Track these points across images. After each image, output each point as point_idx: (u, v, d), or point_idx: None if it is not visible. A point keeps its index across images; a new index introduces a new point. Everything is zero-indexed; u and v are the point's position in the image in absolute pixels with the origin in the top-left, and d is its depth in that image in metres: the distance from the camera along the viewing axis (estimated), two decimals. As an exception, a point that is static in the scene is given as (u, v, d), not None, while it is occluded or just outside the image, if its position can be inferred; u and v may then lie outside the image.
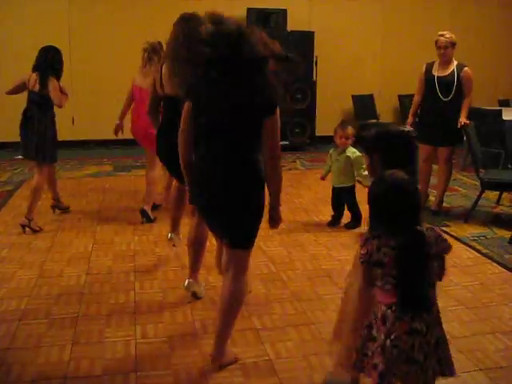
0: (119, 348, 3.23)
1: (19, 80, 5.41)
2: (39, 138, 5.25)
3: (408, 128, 2.71)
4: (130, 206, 6.05)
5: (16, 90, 5.46)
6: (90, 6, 9.24)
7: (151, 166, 5.61)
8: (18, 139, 5.40)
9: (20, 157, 8.35)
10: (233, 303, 2.98)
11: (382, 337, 2.18)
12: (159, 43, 5.29)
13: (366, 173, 5.26)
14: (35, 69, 5.30)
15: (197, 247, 3.77)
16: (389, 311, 2.19)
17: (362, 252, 2.22)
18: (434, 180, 6.20)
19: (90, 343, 3.28)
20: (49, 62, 5.29)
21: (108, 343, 3.28)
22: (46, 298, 3.85)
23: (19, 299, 3.82)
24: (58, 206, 5.87)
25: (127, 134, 5.84)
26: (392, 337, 2.15)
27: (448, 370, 2.29)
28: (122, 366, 3.05)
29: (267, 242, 4.99)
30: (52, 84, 5.21)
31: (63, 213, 5.83)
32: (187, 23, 3.94)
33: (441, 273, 2.26)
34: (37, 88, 5.23)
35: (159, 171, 5.60)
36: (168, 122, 4.15)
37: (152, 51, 5.44)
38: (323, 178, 5.76)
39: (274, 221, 3.07)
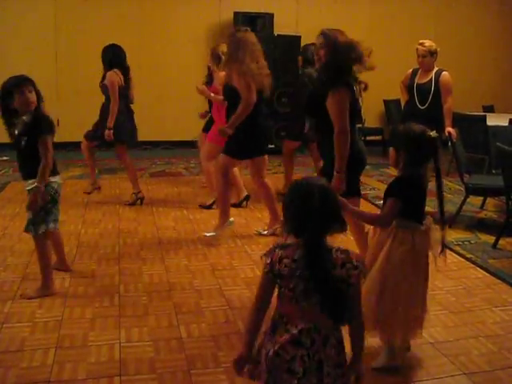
0: (103, 352, 3.21)
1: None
2: None
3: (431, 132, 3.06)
4: (115, 209, 6.03)
5: None
6: (76, 5, 9.19)
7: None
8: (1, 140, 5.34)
9: (5, 158, 8.34)
10: None
11: (269, 345, 2.14)
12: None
13: None
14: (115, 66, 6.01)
15: None
16: (279, 320, 2.15)
17: (266, 262, 2.11)
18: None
19: (73, 347, 3.26)
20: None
21: (92, 347, 3.26)
22: (30, 301, 3.82)
23: (2, 302, 3.79)
24: None
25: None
26: (277, 346, 2.09)
27: None
28: (106, 370, 3.03)
29: (252, 246, 5.00)
30: None
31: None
32: None
33: (354, 303, 2.12)
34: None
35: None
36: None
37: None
38: None
39: None
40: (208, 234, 5.07)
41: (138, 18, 9.10)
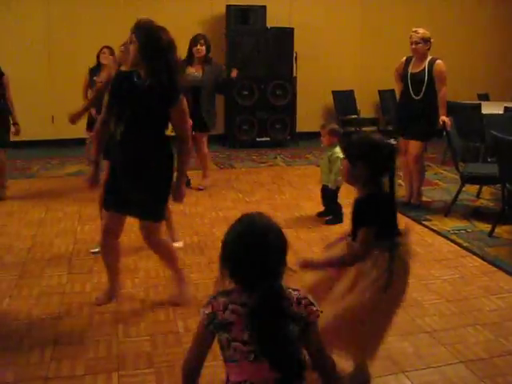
0: (101, 347, 3.21)
1: None
2: None
3: (390, 140, 2.74)
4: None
5: None
6: (69, 2, 9.17)
7: None
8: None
9: None
10: None
11: None
12: None
13: (334, 176, 5.33)
14: None
15: None
16: None
17: (206, 311, 1.87)
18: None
19: (71, 343, 3.26)
20: None
21: (90, 343, 3.26)
22: (27, 299, 3.82)
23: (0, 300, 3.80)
24: None
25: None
26: None
27: None
28: (104, 366, 3.04)
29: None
30: None
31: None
32: None
33: (313, 345, 1.92)
34: None
35: None
36: None
37: None
38: None
39: None
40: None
41: (127, 12, 8.98)
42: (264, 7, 9.28)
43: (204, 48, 6.55)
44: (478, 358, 3.13)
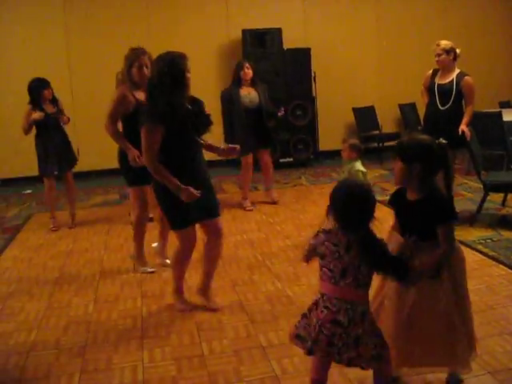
0: (127, 373, 3.25)
1: None
2: None
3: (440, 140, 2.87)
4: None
5: None
6: (84, 29, 9.40)
7: None
8: (25, 174, 5.50)
9: (29, 191, 8.51)
10: None
11: (314, 320, 2.52)
12: None
13: None
14: None
15: None
16: (320, 300, 2.55)
17: (312, 242, 2.57)
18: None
19: (97, 370, 3.30)
20: None
21: (116, 369, 3.30)
22: (55, 329, 3.89)
23: (28, 331, 3.86)
24: None
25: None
26: (319, 322, 2.49)
27: (367, 365, 2.55)
28: (130, 391, 3.07)
29: (272, 259, 5.01)
30: None
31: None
32: None
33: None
34: None
35: None
36: None
37: None
38: None
39: None
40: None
41: (146, 39, 9.13)
42: (279, 29, 9.37)
43: (251, 71, 6.85)
44: (506, 368, 3.08)
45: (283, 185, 8.38)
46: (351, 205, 2.48)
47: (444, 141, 2.89)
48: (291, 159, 9.64)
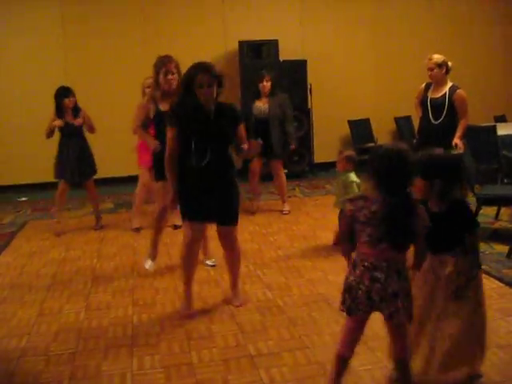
0: (116, 381, 3.25)
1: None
2: None
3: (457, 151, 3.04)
4: (129, 243, 6.12)
5: None
6: (80, 39, 9.45)
7: None
8: (20, 182, 5.54)
9: (24, 199, 8.51)
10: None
11: (352, 278, 2.71)
12: None
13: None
14: None
15: None
16: (358, 260, 2.72)
17: (350, 207, 2.70)
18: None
19: (86, 377, 3.31)
20: None
21: (104, 376, 3.31)
22: (45, 335, 3.89)
23: (19, 337, 3.87)
24: None
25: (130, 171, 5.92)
26: (358, 280, 2.68)
27: (406, 318, 2.71)
28: (118, 399, 3.08)
29: (264, 270, 5.03)
30: None
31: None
32: None
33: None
34: None
35: None
36: None
37: None
38: None
39: None
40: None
41: (142, 50, 9.22)
42: (276, 41, 9.41)
43: (269, 84, 7.05)
44: (492, 381, 3.10)
45: (277, 196, 8.36)
46: (393, 169, 2.61)
47: (456, 152, 3.06)
48: (286, 171, 9.63)
